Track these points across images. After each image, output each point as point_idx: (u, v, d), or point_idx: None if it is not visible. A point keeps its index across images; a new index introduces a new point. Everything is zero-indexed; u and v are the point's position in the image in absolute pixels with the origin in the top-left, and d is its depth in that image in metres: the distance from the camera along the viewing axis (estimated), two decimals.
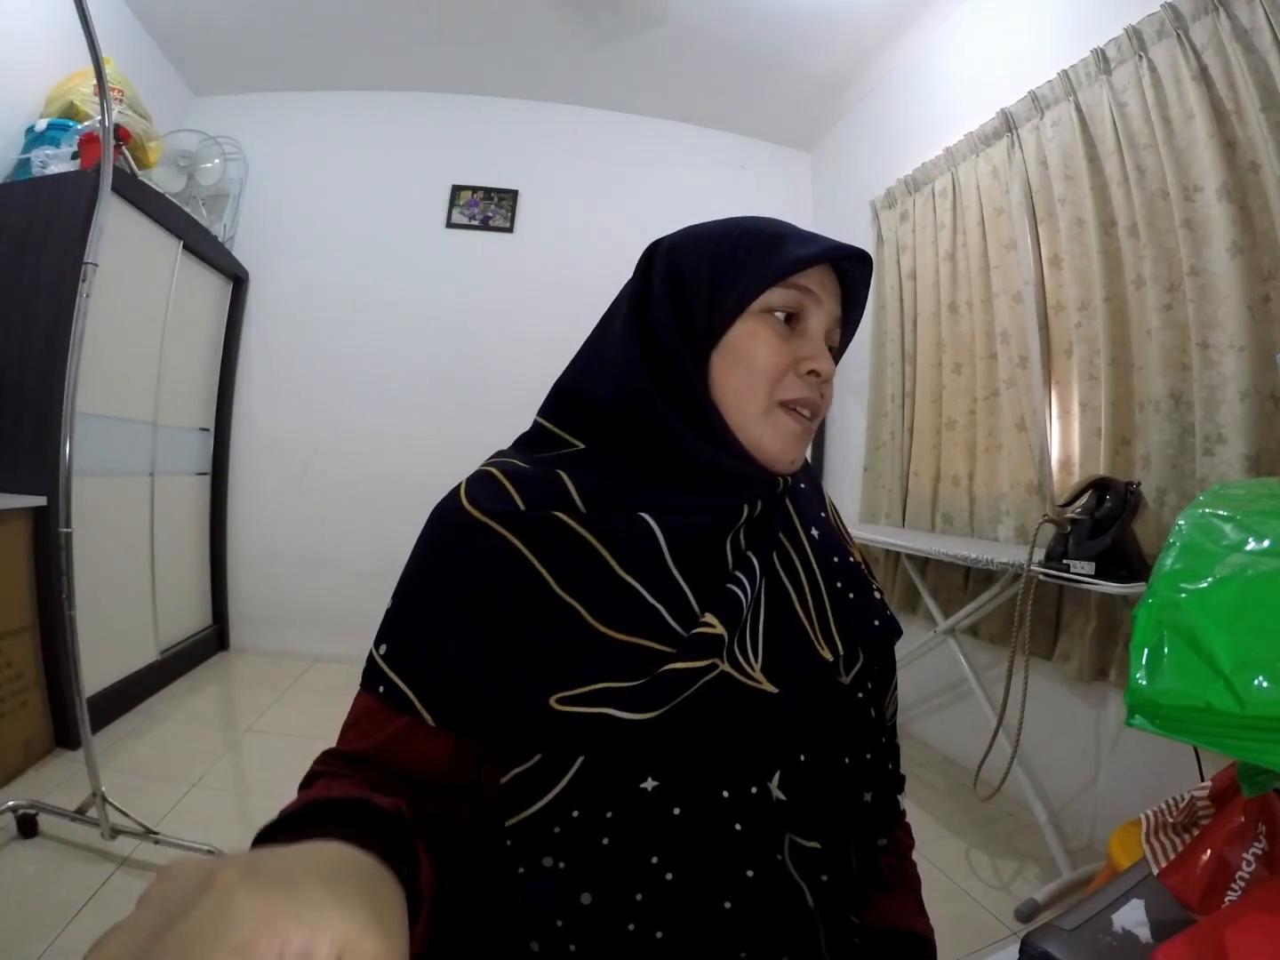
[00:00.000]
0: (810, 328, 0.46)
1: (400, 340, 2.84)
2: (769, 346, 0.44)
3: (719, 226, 0.48)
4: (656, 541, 0.42)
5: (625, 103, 2.97)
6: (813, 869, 0.41)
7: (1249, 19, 1.31)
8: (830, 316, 0.47)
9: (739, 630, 0.42)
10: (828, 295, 0.46)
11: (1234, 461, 1.30)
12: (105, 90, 1.33)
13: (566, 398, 0.50)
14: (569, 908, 0.38)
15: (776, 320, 0.45)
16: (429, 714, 0.39)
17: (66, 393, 1.33)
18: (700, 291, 0.45)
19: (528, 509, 0.42)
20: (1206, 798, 0.48)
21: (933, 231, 2.21)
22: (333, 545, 2.73)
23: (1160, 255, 1.47)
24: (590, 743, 0.38)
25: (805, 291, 0.45)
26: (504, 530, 0.41)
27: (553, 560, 0.41)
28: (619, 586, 0.41)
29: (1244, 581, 0.29)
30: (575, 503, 0.43)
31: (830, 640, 0.45)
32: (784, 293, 0.44)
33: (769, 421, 0.44)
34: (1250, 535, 0.31)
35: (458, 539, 0.42)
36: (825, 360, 0.45)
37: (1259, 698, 0.25)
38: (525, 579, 0.40)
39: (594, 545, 0.42)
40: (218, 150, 2.63)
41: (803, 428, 0.46)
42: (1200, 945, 0.29)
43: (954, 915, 1.34)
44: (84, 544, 1.54)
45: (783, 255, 0.44)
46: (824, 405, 0.47)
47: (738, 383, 0.44)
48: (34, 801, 1.39)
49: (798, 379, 0.45)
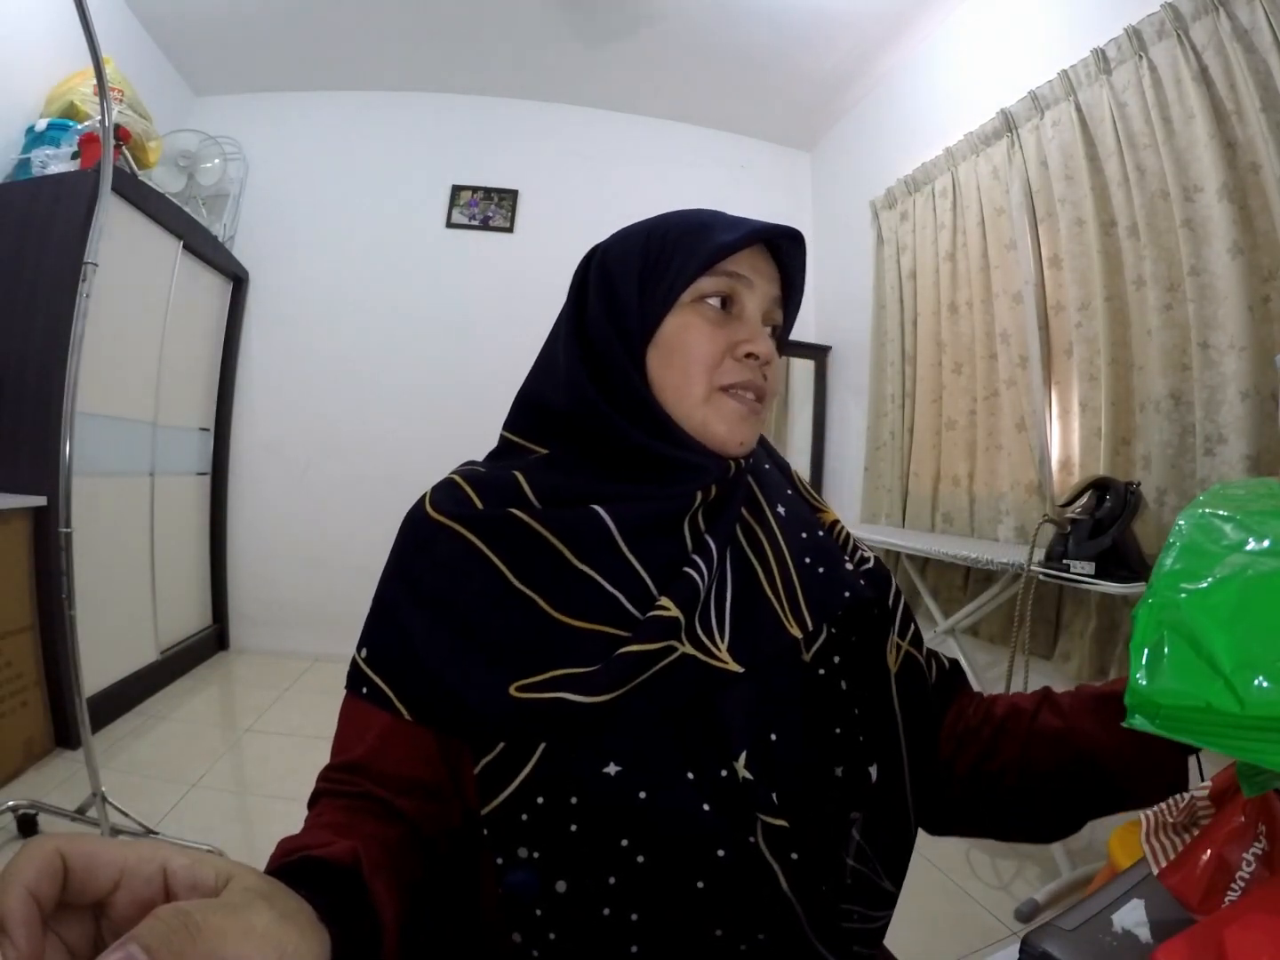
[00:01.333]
0: (746, 311, 0.46)
1: (400, 340, 2.84)
2: (702, 334, 0.45)
3: (649, 224, 0.48)
4: (609, 531, 0.43)
5: (625, 103, 2.97)
6: (783, 848, 0.40)
7: (1249, 19, 1.31)
8: (766, 298, 0.47)
9: (703, 612, 0.42)
10: (761, 277, 0.47)
11: (1234, 461, 1.30)
12: (105, 90, 1.33)
13: (525, 408, 0.51)
14: (546, 896, 0.38)
15: (709, 307, 0.45)
16: (406, 710, 0.40)
17: (66, 393, 1.33)
18: (631, 290, 0.46)
19: (485, 509, 0.44)
20: (1206, 798, 0.48)
21: (933, 231, 2.21)
22: (333, 545, 2.73)
23: (1160, 255, 1.47)
24: (549, 729, 0.38)
25: (735, 276, 0.45)
26: (463, 530, 0.43)
27: (509, 555, 0.42)
28: (576, 576, 0.42)
29: (1244, 581, 0.29)
30: (530, 500, 0.44)
31: (800, 617, 0.45)
32: (714, 280, 0.45)
33: (711, 407, 0.45)
34: (1250, 535, 0.31)
35: (421, 542, 0.44)
36: (762, 341, 0.45)
37: (1259, 698, 0.25)
38: (484, 574, 0.42)
39: (548, 538, 0.43)
40: (218, 150, 2.63)
41: (747, 408, 0.46)
42: (1200, 945, 0.29)
43: (954, 915, 1.34)
44: (84, 544, 1.54)
45: (709, 242, 0.44)
46: (769, 387, 0.47)
47: (675, 374, 0.45)
48: (34, 801, 1.40)
49: (736, 363, 0.45)
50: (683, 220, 0.47)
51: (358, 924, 0.30)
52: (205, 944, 0.21)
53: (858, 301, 2.65)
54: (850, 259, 2.77)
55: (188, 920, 0.21)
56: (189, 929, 0.21)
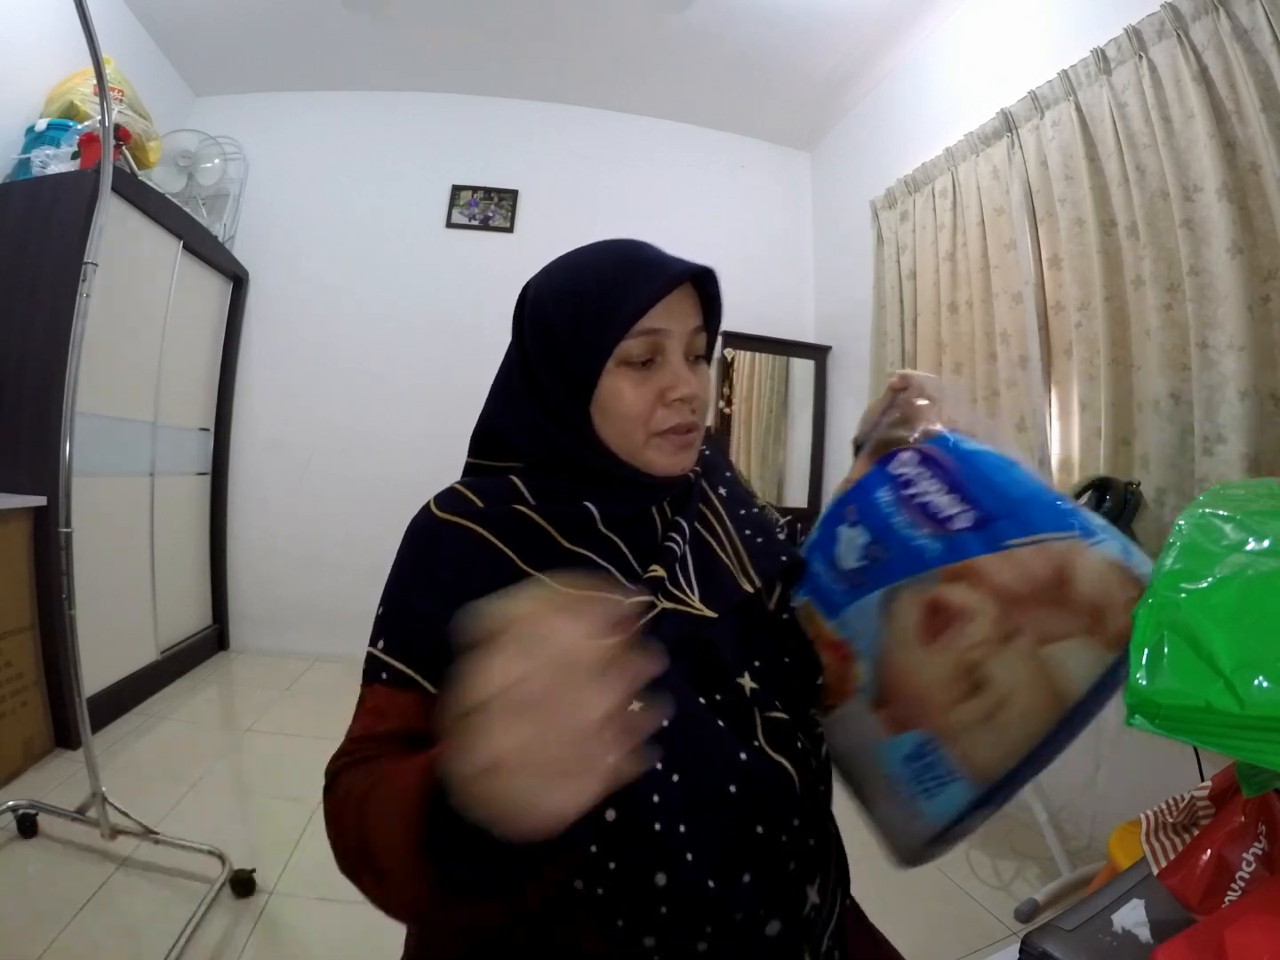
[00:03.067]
0: (670, 359, 0.51)
1: (400, 340, 2.84)
2: (629, 394, 0.50)
3: (575, 273, 0.52)
4: (594, 519, 0.50)
5: (625, 103, 2.97)
6: (786, 740, 0.48)
7: (1249, 19, 1.31)
8: (687, 333, 0.52)
9: (676, 575, 0.50)
10: (677, 319, 0.51)
11: (1234, 461, 1.30)
12: (105, 90, 1.33)
13: (487, 439, 0.57)
14: (598, 829, 0.41)
15: (634, 368, 0.50)
16: (430, 685, 0.44)
17: (66, 393, 1.33)
18: (564, 351, 0.51)
19: (487, 507, 0.50)
20: (1206, 798, 0.48)
21: (933, 231, 2.21)
22: (333, 545, 2.73)
23: (1160, 255, 1.47)
24: None
25: (654, 333, 0.50)
26: (471, 524, 0.49)
27: (515, 542, 0.48)
28: (572, 556, 0.49)
29: (1244, 581, 0.29)
30: (527, 498, 0.51)
31: (749, 575, 0.54)
32: (634, 342, 0.49)
33: (651, 449, 0.51)
34: (1250, 535, 0.31)
35: (431, 540, 0.49)
36: (685, 385, 0.51)
37: (1259, 698, 0.25)
38: (495, 561, 0.48)
39: (545, 527, 0.49)
40: (218, 150, 2.63)
41: (684, 441, 0.52)
42: (1200, 945, 0.29)
43: (954, 915, 1.34)
44: (84, 544, 1.54)
45: (625, 306, 0.48)
46: (700, 415, 0.53)
47: (613, 428, 0.51)
48: (34, 801, 1.39)
49: (666, 409, 0.51)
50: (597, 278, 0.51)
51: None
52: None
53: (858, 301, 2.65)
54: (850, 259, 2.77)
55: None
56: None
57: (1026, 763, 0.44)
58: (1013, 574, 0.45)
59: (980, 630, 0.45)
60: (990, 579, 0.46)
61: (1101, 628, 0.41)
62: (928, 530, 0.50)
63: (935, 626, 0.47)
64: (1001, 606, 0.45)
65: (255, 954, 1.15)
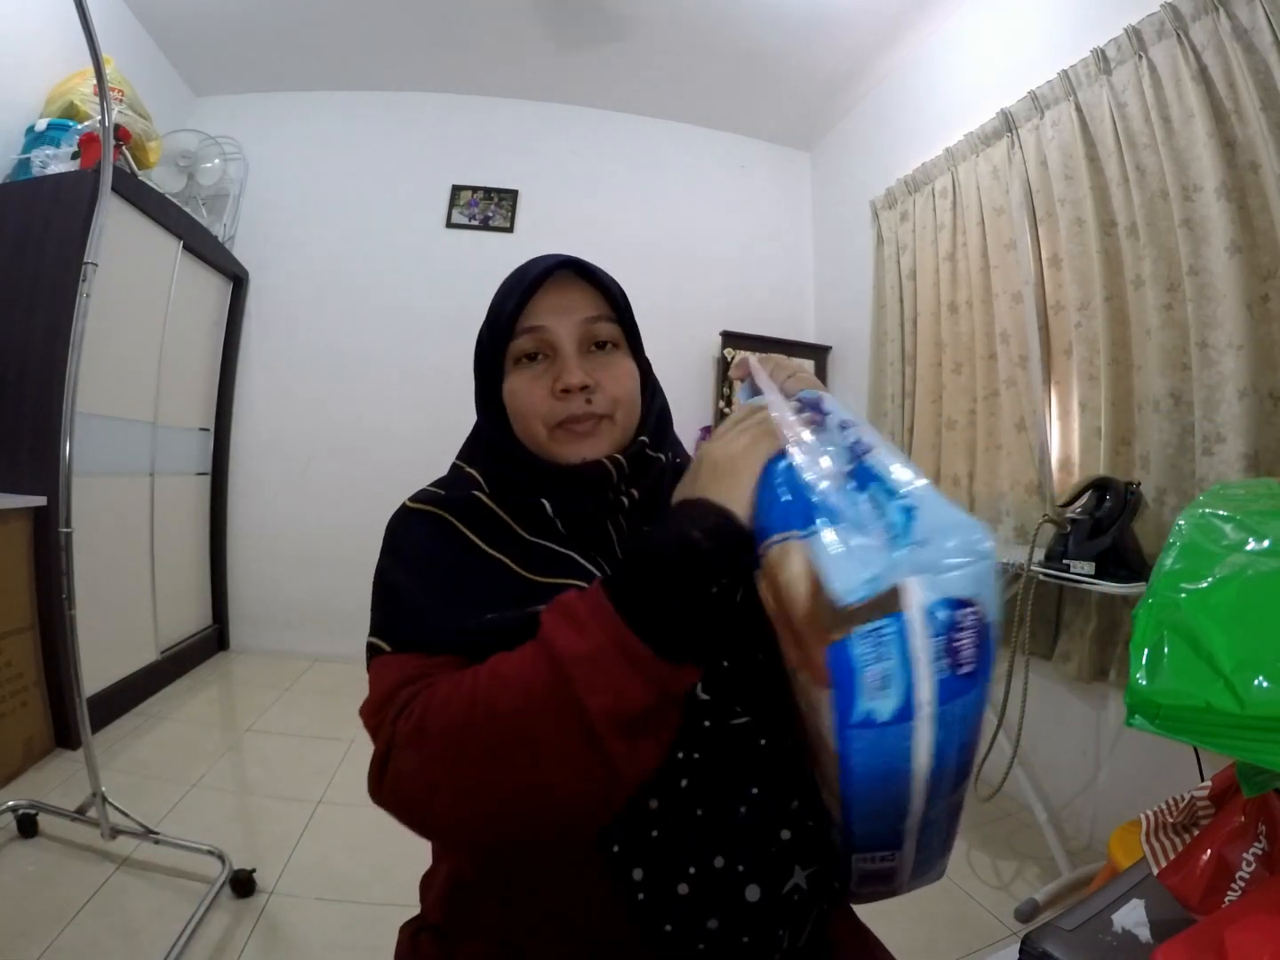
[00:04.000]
0: (560, 350, 0.53)
1: (400, 340, 2.84)
2: (522, 391, 0.53)
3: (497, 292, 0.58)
4: (548, 514, 0.52)
5: (625, 103, 2.97)
6: (751, 737, 0.49)
7: (1249, 19, 1.31)
8: (575, 326, 0.53)
9: None
10: (559, 314, 0.53)
11: (1232, 461, 1.30)
12: (105, 90, 1.33)
13: (476, 439, 0.62)
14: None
15: (524, 365, 0.54)
16: (423, 650, 0.46)
17: (66, 393, 1.33)
18: (485, 358, 0.57)
19: (449, 494, 0.54)
20: (1206, 798, 0.48)
21: (933, 231, 2.21)
22: (333, 545, 2.73)
23: (1160, 255, 1.47)
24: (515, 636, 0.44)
25: (532, 330, 0.53)
26: (436, 509, 0.53)
27: (476, 526, 0.52)
28: (532, 546, 0.52)
29: (1244, 581, 0.29)
30: (485, 489, 0.55)
31: None
32: (518, 342, 0.53)
33: (554, 443, 0.53)
34: (1250, 535, 0.31)
35: (401, 526, 0.53)
36: (570, 374, 0.52)
37: (1259, 698, 0.25)
38: (458, 541, 0.51)
39: (503, 517, 0.53)
40: (218, 150, 2.63)
41: (582, 431, 0.53)
42: (1200, 945, 0.29)
43: (954, 915, 1.34)
44: (84, 544, 1.54)
45: (503, 312, 0.53)
46: (603, 403, 0.53)
47: (519, 425, 0.54)
48: (34, 801, 1.40)
49: (558, 401, 0.52)
50: (499, 291, 0.56)
51: None
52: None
53: (858, 301, 2.65)
54: (850, 259, 2.78)
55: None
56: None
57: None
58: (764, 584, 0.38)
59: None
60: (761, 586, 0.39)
61: (808, 661, 0.34)
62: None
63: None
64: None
65: (255, 954, 1.15)
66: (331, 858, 1.42)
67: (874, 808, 0.34)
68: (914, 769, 0.31)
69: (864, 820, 0.36)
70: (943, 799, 0.35)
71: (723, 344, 2.85)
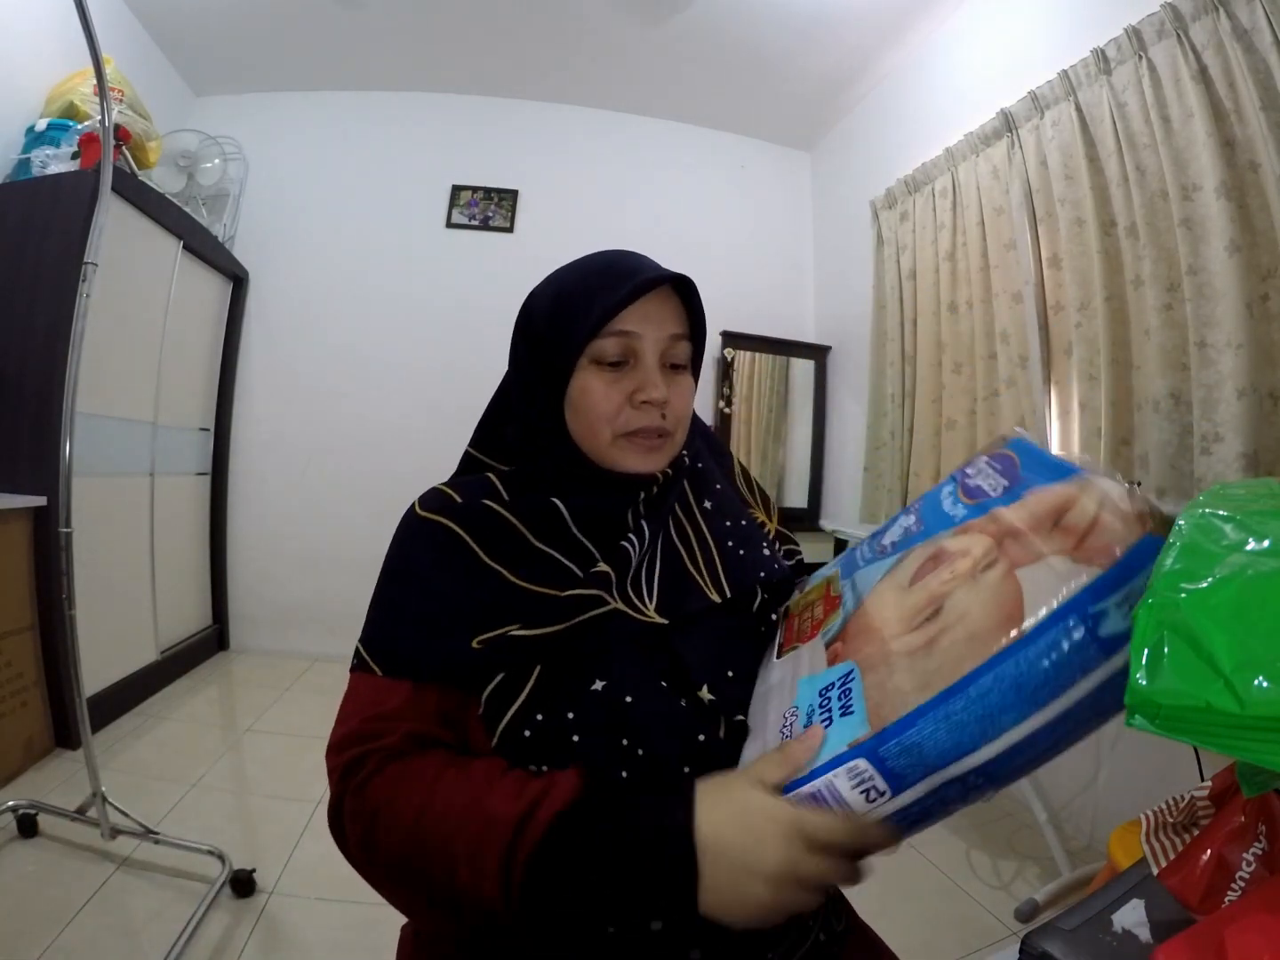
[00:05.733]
0: (642, 360, 0.52)
1: (400, 340, 2.84)
2: (598, 394, 0.52)
3: (559, 280, 0.56)
4: (563, 517, 0.52)
5: (625, 103, 2.97)
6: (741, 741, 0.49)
7: (1249, 19, 1.31)
8: (661, 341, 0.53)
9: (634, 579, 0.53)
10: (652, 324, 0.52)
11: (1231, 460, 1.30)
12: (105, 90, 1.33)
13: (486, 432, 0.61)
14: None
15: (604, 367, 0.52)
16: (411, 677, 0.48)
17: (66, 393, 1.33)
18: (546, 350, 0.54)
19: (464, 502, 0.53)
20: (1206, 798, 0.48)
21: (933, 231, 2.21)
22: (333, 544, 2.73)
23: (1160, 255, 1.47)
24: (502, 658, 0.47)
25: (624, 335, 0.51)
26: (444, 520, 0.52)
27: (481, 536, 0.51)
28: (537, 553, 0.51)
29: (1244, 581, 0.29)
30: (501, 494, 0.54)
31: (720, 587, 0.55)
32: (604, 342, 0.51)
33: (617, 449, 0.53)
34: (1250, 535, 0.31)
35: (409, 536, 0.53)
36: (655, 388, 0.51)
37: (1259, 698, 0.25)
38: (461, 553, 0.51)
39: (513, 523, 0.52)
40: (218, 150, 2.63)
41: (650, 445, 0.53)
42: (1200, 945, 0.29)
43: (954, 915, 1.34)
44: (84, 544, 1.54)
45: (594, 308, 0.51)
46: (672, 420, 0.54)
47: (582, 425, 0.53)
48: (34, 801, 1.40)
49: (634, 410, 0.52)
50: (580, 281, 0.54)
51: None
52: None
53: (858, 301, 2.65)
54: (850, 259, 2.77)
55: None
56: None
57: (933, 708, 0.35)
58: (1016, 514, 0.42)
59: (962, 565, 0.41)
60: (994, 524, 0.43)
61: (1081, 546, 0.36)
62: (965, 503, 0.48)
63: (924, 570, 0.44)
64: (993, 543, 0.41)
65: (255, 954, 1.15)
66: (331, 858, 1.41)
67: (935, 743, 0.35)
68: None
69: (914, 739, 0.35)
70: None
71: (723, 344, 2.85)
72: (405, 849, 0.41)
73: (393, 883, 0.43)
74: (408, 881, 0.41)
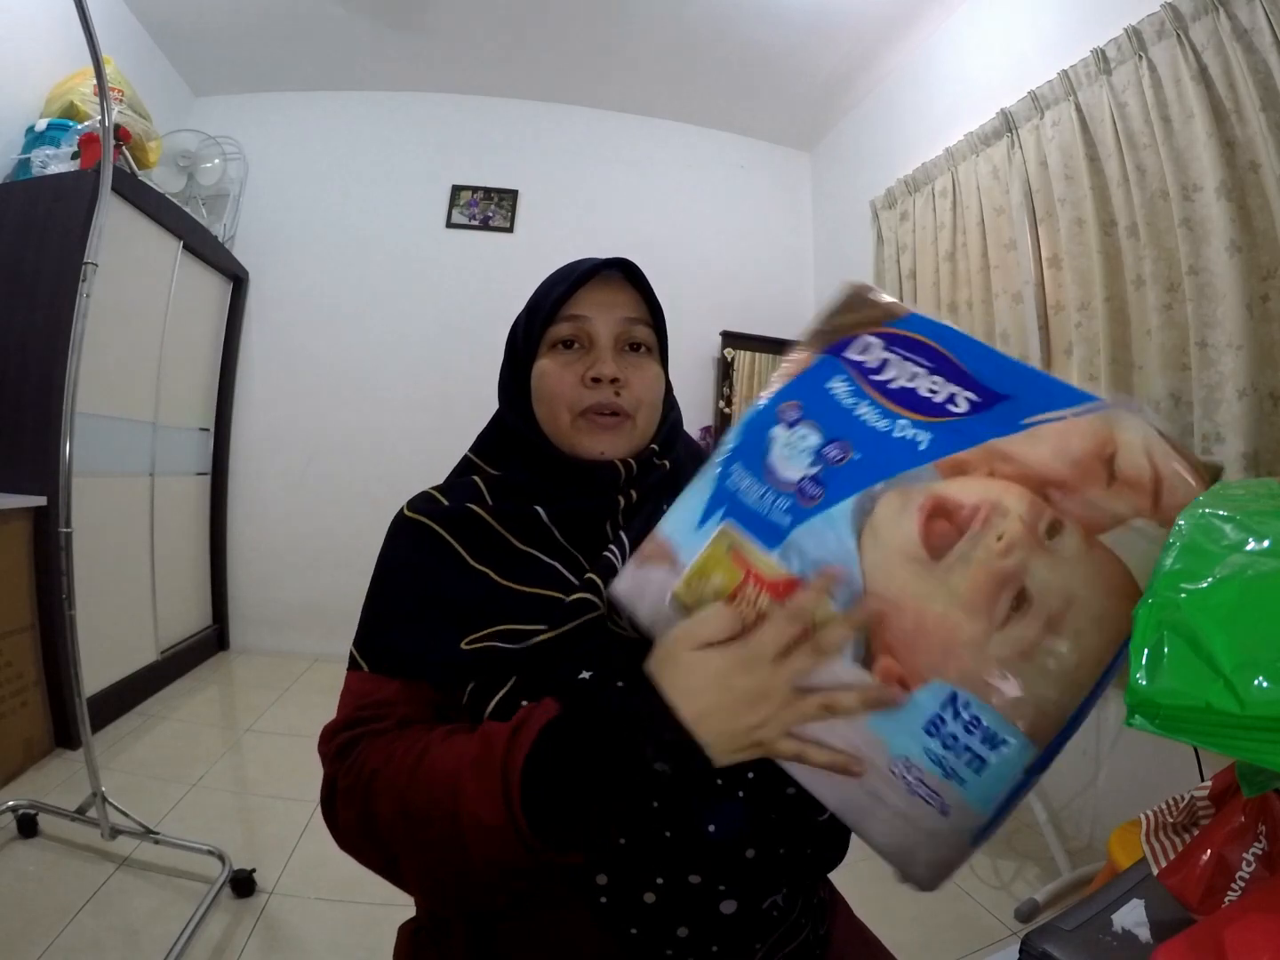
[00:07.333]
0: (597, 341, 0.54)
1: (400, 340, 2.84)
2: (553, 376, 0.54)
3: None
4: (544, 521, 0.54)
5: (625, 103, 2.97)
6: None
7: (1249, 19, 1.31)
8: (615, 323, 0.55)
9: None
10: (604, 308, 0.55)
11: (1232, 460, 1.30)
12: (105, 90, 1.33)
13: (492, 428, 0.63)
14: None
15: (559, 350, 0.55)
16: (399, 674, 0.49)
17: (66, 393, 1.33)
18: (517, 345, 0.58)
19: (449, 505, 0.55)
20: (1206, 798, 0.48)
21: (933, 231, 2.21)
22: (333, 545, 2.73)
23: (1160, 255, 1.47)
24: (487, 669, 0.47)
25: (575, 319, 0.54)
26: (430, 522, 0.54)
27: (466, 539, 0.53)
28: (521, 555, 0.53)
29: (1244, 581, 0.29)
30: (485, 499, 0.55)
31: None
32: (557, 327, 0.55)
33: (576, 431, 0.54)
34: (1250, 535, 0.31)
35: (397, 536, 0.55)
36: (603, 364, 0.53)
37: (1259, 698, 0.25)
38: (447, 555, 0.52)
39: (496, 527, 0.53)
40: (218, 150, 2.63)
41: (605, 422, 0.54)
42: (1200, 945, 0.29)
43: (954, 915, 1.34)
44: (84, 544, 1.54)
45: (548, 297, 0.55)
46: (630, 401, 0.54)
47: (544, 408, 0.55)
48: (34, 801, 1.40)
49: (587, 389, 0.53)
50: (546, 283, 0.58)
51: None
52: None
53: None
54: (850, 259, 2.77)
55: None
56: None
57: (1090, 699, 0.34)
58: (1044, 454, 0.35)
59: (1011, 530, 0.34)
60: (1014, 464, 0.36)
61: (1159, 506, 0.34)
62: (912, 419, 0.39)
63: (941, 535, 0.35)
64: (1035, 496, 0.35)
65: (255, 954, 1.15)
66: (331, 858, 1.42)
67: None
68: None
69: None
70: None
71: (723, 344, 2.85)
72: (405, 796, 0.40)
73: (393, 843, 0.41)
74: (410, 832, 0.40)
